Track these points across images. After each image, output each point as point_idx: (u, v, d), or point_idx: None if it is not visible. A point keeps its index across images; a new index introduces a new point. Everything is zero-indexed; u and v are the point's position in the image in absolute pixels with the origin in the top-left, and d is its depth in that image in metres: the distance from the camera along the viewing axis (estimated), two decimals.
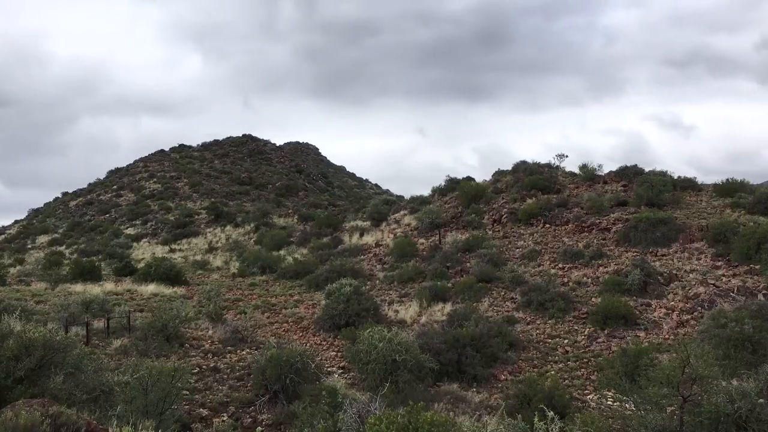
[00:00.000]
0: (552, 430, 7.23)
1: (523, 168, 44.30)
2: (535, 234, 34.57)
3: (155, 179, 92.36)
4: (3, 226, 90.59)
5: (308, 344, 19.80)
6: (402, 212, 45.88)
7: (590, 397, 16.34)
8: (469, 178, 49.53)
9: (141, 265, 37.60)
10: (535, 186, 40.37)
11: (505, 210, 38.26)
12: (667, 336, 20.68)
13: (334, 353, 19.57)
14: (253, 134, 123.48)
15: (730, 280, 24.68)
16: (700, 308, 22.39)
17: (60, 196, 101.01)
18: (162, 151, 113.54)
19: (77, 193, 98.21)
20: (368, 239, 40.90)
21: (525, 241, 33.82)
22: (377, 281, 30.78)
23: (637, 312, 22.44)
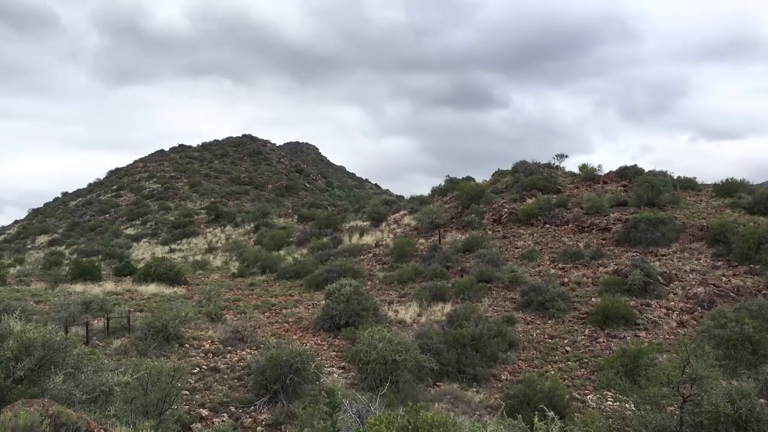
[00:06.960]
0: (552, 430, 7.22)
1: (522, 168, 44.37)
2: (534, 234, 34.59)
3: (155, 179, 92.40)
4: (3, 226, 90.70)
5: (308, 344, 19.76)
6: (401, 212, 45.95)
7: (590, 397, 16.35)
8: (468, 178, 49.64)
9: (141, 265, 37.60)
10: (534, 186, 40.42)
11: (505, 210, 38.28)
12: (667, 336, 20.69)
13: (334, 353, 19.55)
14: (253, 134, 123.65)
15: (730, 280, 24.72)
16: (700, 308, 22.41)
17: (60, 196, 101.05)
18: (161, 151, 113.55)
19: (77, 193, 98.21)
20: (368, 239, 40.91)
21: (525, 241, 33.83)
22: (377, 281, 30.76)
23: (637, 312, 22.43)
